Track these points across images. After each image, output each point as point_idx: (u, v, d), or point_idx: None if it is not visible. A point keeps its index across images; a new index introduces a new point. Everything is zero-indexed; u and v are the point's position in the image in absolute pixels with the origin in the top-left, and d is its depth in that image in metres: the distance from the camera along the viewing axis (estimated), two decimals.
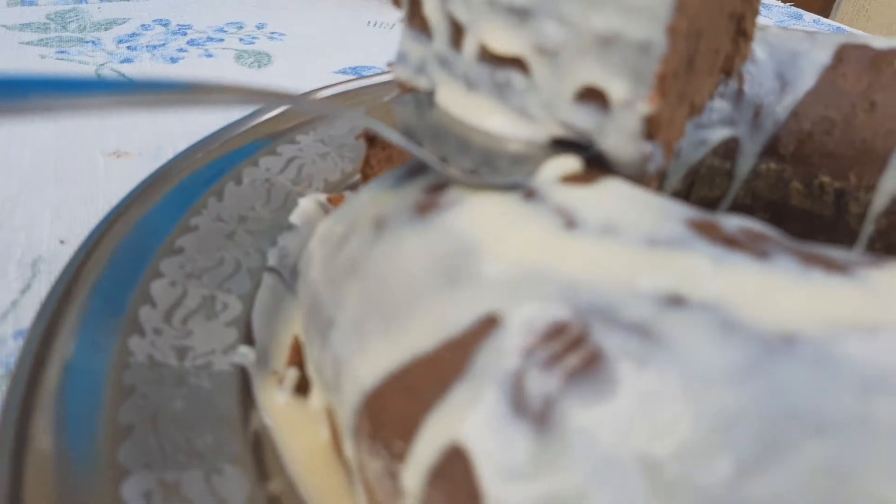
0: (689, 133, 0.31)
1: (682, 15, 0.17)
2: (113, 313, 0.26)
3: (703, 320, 0.13)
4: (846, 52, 0.30)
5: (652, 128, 0.18)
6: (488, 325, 0.15)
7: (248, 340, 0.26)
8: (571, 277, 0.15)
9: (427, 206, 0.18)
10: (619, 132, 0.19)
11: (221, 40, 0.66)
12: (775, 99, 0.31)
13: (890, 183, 0.28)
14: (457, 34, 0.21)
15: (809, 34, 0.32)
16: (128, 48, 0.63)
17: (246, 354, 0.25)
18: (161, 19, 0.70)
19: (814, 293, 0.14)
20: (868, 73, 0.29)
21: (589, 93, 0.19)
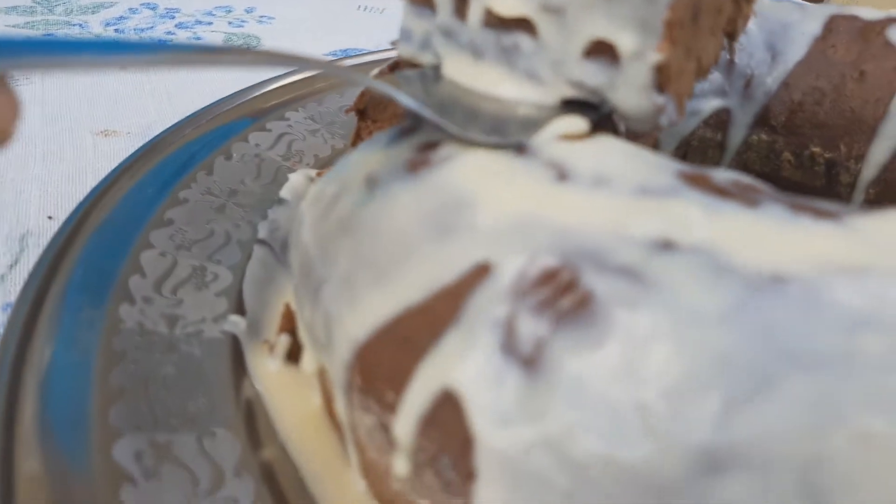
0: None
1: None
2: (102, 283, 0.25)
3: (693, 263, 0.13)
4: (836, 23, 0.30)
5: (663, 78, 0.18)
6: (480, 273, 0.15)
7: (239, 310, 0.26)
8: (563, 225, 0.15)
9: (419, 164, 0.18)
10: (630, 85, 0.18)
11: (210, 24, 0.66)
12: (766, 70, 0.31)
13: (879, 152, 0.28)
14: (461, 3, 0.21)
15: (800, 6, 0.32)
16: (115, 31, 0.62)
17: (237, 323, 0.25)
18: (149, 3, 0.69)
19: (803, 238, 0.14)
20: (857, 44, 0.29)
21: (598, 48, 0.19)
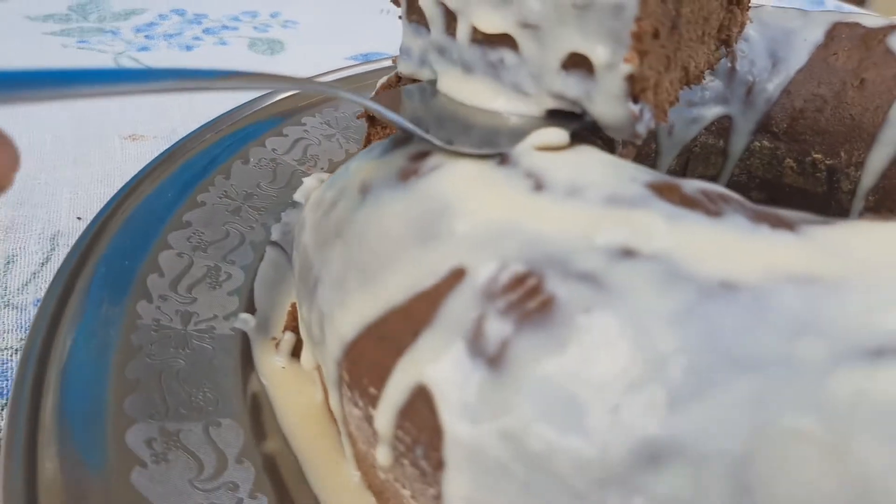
0: (682, 111, 0.32)
1: None
2: (123, 281, 0.27)
3: (649, 270, 0.14)
4: (838, 30, 0.31)
5: (636, 88, 0.19)
6: (456, 278, 0.16)
7: (250, 308, 0.28)
8: (534, 233, 0.16)
9: (409, 173, 0.19)
10: (606, 95, 0.19)
11: (236, 28, 0.68)
12: (767, 77, 0.31)
13: (877, 159, 0.28)
14: (450, 21, 0.22)
15: (803, 13, 0.32)
16: (145, 37, 0.65)
17: (247, 320, 0.27)
18: (178, 9, 0.72)
19: (758, 247, 0.14)
20: (859, 51, 0.30)
21: (574, 61, 0.20)
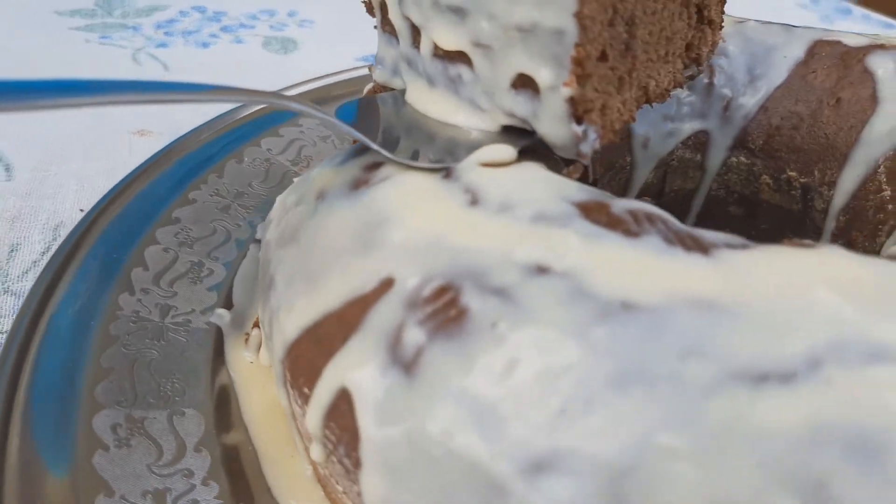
0: (658, 125, 0.32)
1: (589, 2, 0.18)
2: (109, 274, 0.29)
3: (557, 287, 0.15)
4: (819, 48, 0.31)
5: (578, 109, 0.20)
6: (386, 287, 0.17)
7: (228, 304, 0.29)
8: (461, 247, 0.16)
9: (361, 182, 0.20)
10: (550, 115, 0.20)
11: (253, 27, 0.70)
12: (745, 93, 0.31)
13: (848, 179, 0.28)
14: (416, 35, 0.23)
15: (788, 28, 0.32)
16: (165, 34, 0.67)
17: (222, 315, 0.28)
18: (198, 6, 0.74)
19: (667, 268, 0.15)
20: (837, 69, 0.30)
21: (523, 81, 0.20)
